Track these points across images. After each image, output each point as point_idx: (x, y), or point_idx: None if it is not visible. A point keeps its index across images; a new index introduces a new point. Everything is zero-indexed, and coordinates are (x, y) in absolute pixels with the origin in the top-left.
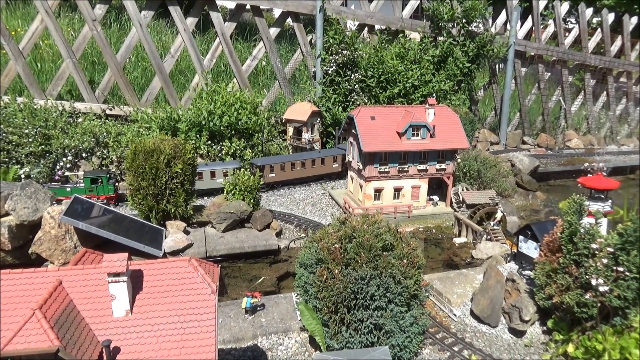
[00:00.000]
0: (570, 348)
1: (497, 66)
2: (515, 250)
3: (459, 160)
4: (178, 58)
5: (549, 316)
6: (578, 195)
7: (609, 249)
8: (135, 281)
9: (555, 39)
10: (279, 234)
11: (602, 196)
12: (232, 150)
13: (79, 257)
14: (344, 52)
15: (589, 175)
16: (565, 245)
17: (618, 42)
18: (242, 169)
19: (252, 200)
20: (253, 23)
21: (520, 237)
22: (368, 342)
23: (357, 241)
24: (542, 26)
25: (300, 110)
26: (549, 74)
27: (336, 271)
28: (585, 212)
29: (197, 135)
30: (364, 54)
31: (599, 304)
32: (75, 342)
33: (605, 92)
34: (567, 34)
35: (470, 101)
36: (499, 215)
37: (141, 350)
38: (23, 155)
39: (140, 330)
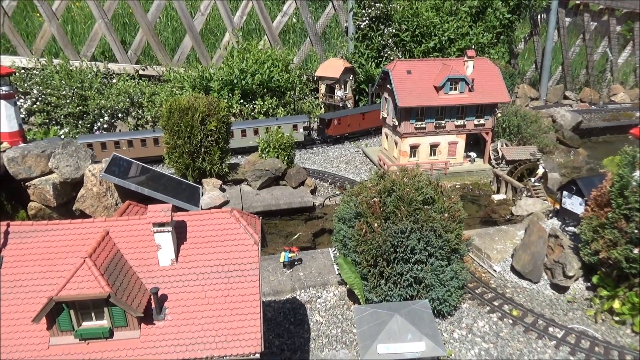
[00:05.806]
0: (616, 304)
1: (539, 17)
2: (558, 207)
3: (499, 115)
4: (208, 17)
5: (593, 272)
6: (631, 147)
7: None
8: (180, 232)
9: None
10: (313, 192)
11: None
12: (264, 109)
13: (124, 209)
14: (377, 5)
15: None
16: (615, 200)
17: None
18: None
19: (286, 158)
20: None
21: (565, 193)
22: (407, 295)
23: (396, 195)
24: None
25: (332, 67)
26: (595, 24)
27: (375, 225)
28: (638, 165)
29: (230, 94)
30: (398, 7)
31: None
32: (125, 288)
33: None
34: None
35: (509, 54)
36: (540, 171)
37: (187, 299)
38: (62, 116)
39: (186, 279)
